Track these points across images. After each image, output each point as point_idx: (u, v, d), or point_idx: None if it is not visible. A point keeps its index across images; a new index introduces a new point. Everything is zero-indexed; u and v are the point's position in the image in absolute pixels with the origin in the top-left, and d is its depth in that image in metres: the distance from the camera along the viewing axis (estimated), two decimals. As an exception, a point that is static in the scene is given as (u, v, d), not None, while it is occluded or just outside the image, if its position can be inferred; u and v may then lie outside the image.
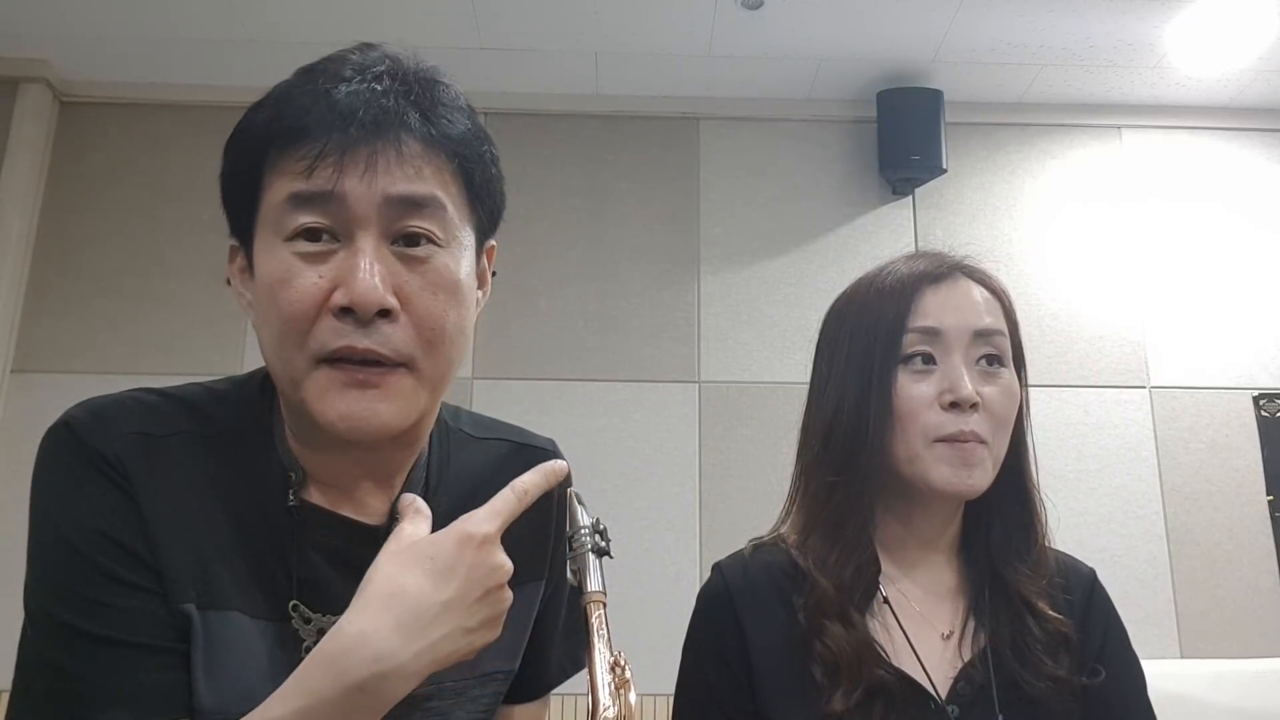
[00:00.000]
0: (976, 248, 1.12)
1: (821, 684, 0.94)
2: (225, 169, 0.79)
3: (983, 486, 0.98)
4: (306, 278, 0.72)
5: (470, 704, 0.86)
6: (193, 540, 0.75)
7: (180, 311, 3.10)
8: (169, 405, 0.80)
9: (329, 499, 0.81)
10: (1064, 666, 0.97)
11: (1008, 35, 3.01)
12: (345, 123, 0.72)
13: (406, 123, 0.74)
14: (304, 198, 0.72)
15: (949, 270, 1.04)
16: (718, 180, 3.35)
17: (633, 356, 3.18)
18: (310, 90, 0.74)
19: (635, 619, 2.93)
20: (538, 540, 0.91)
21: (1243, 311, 3.26)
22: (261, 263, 0.75)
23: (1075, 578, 1.07)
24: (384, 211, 0.73)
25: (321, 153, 0.71)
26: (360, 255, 0.72)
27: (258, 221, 0.75)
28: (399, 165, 0.73)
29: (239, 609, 0.75)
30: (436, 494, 0.85)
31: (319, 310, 0.72)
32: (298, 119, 0.73)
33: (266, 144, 0.74)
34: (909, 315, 1.00)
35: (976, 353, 1.00)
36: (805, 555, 1.01)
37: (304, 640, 0.77)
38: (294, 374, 0.74)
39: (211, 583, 0.74)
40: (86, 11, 2.91)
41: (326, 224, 0.72)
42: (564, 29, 3.00)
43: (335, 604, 0.75)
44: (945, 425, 0.97)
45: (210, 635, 0.73)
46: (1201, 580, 3.04)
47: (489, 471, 0.88)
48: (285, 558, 0.77)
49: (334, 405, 0.73)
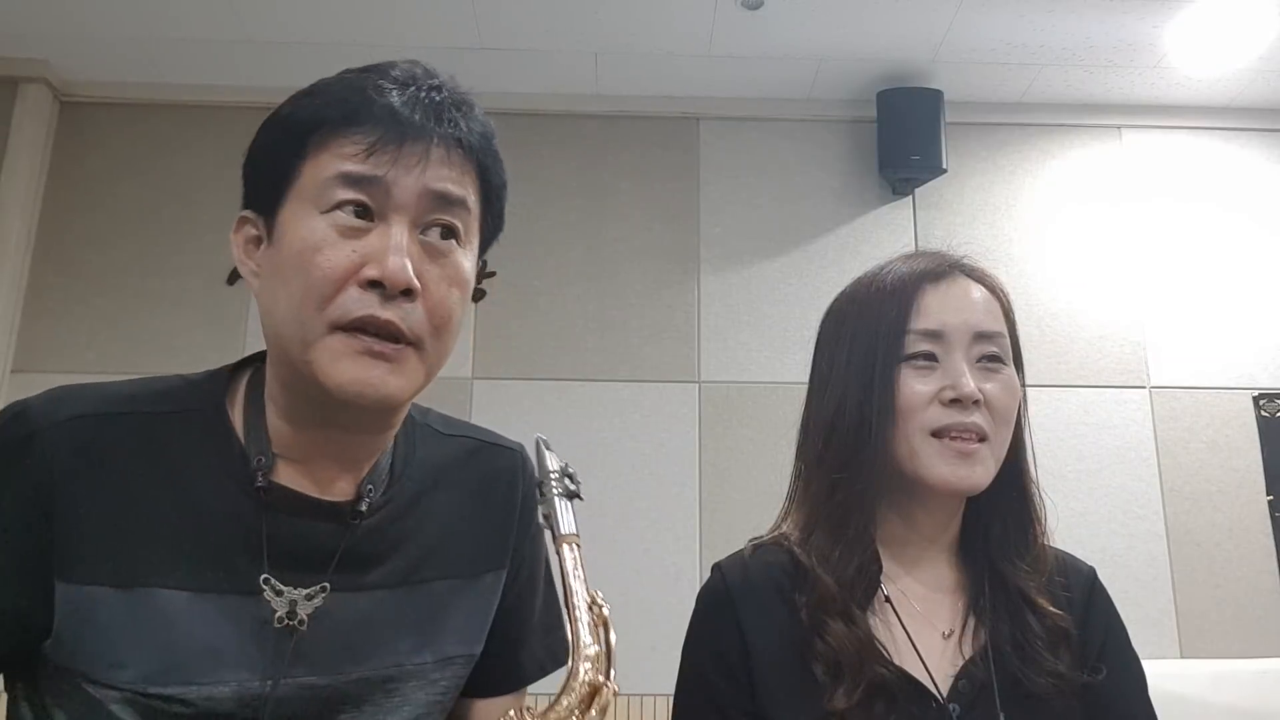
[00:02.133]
0: (976, 248, 1.12)
1: (823, 682, 0.94)
2: (261, 142, 0.84)
3: (984, 482, 0.98)
4: (341, 248, 0.77)
5: (430, 687, 0.88)
6: (128, 522, 0.78)
7: (180, 311, 3.11)
8: (130, 387, 0.85)
9: (295, 479, 0.84)
10: (1064, 662, 0.98)
11: (1008, 35, 3.01)
12: (404, 120, 0.79)
13: (454, 129, 0.81)
14: (355, 178, 0.78)
15: (949, 269, 1.04)
16: (718, 180, 3.35)
17: (633, 356, 3.18)
18: (368, 85, 0.81)
19: (635, 619, 2.94)
20: (498, 531, 0.94)
21: (1243, 311, 3.26)
22: (292, 229, 0.79)
23: (1075, 576, 1.07)
24: (421, 203, 0.79)
25: (379, 142, 0.78)
26: (395, 237, 0.78)
27: (291, 193, 0.80)
28: (444, 165, 0.80)
29: (179, 586, 0.78)
30: (401, 480, 0.89)
31: (347, 280, 0.77)
32: (361, 106, 0.79)
33: (318, 124, 0.79)
34: (910, 315, 1.01)
35: (978, 351, 1.00)
36: (808, 553, 1.01)
37: (275, 612, 0.80)
38: (308, 336, 0.78)
39: (140, 563, 0.78)
40: (86, 11, 2.91)
41: (367, 203, 0.78)
42: (564, 29, 3.00)
43: (304, 579, 0.81)
44: (944, 419, 0.97)
45: (134, 611, 0.77)
46: (1201, 580, 3.04)
47: (454, 465, 0.93)
48: (250, 535, 0.80)
49: (346, 370, 0.77)
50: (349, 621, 0.83)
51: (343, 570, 0.83)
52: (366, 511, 0.85)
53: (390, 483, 0.88)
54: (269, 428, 0.84)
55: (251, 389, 0.86)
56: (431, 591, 0.88)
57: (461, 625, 0.89)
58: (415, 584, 0.87)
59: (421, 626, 0.87)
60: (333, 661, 0.82)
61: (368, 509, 0.85)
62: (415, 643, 0.87)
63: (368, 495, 0.85)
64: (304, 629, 0.80)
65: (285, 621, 0.80)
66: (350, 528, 0.84)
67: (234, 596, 0.79)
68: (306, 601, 0.81)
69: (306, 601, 0.81)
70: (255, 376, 0.87)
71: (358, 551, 0.84)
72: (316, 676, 0.81)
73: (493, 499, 0.90)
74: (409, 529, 0.88)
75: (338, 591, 0.82)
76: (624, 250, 3.27)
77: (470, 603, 0.91)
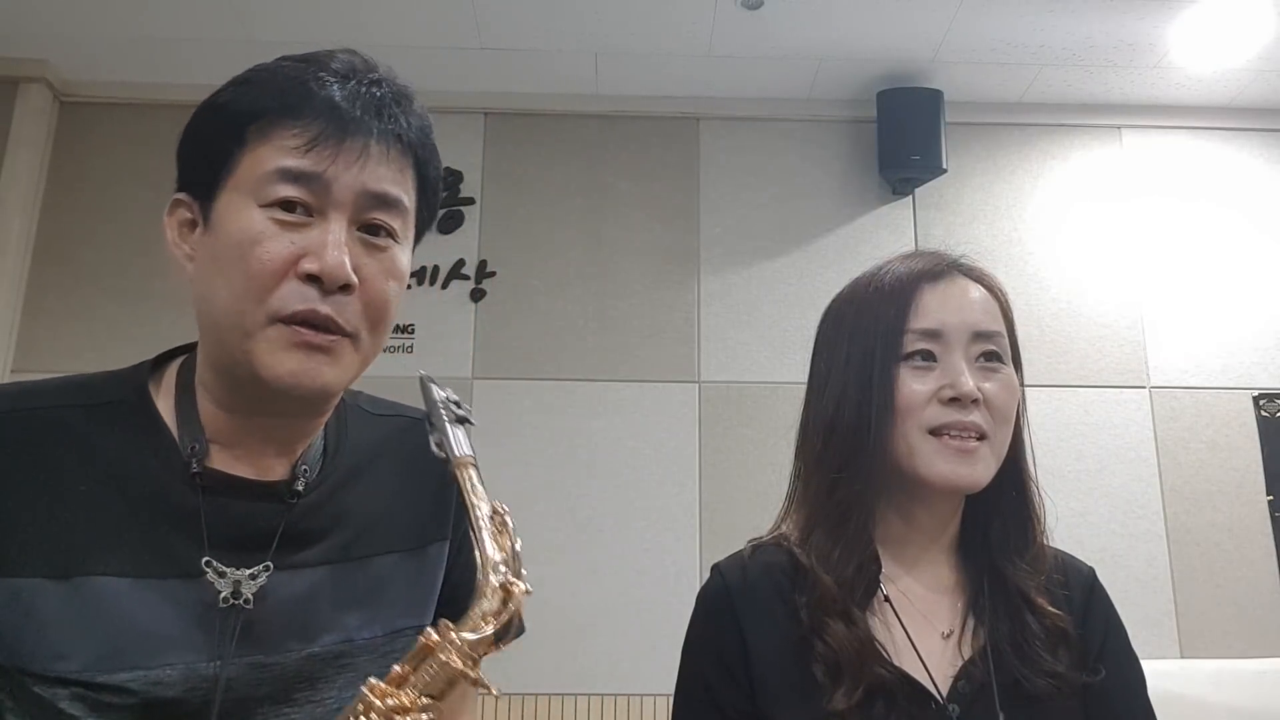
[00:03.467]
0: (976, 248, 1.13)
1: (822, 683, 0.94)
2: (198, 128, 0.84)
3: (984, 480, 0.98)
4: (279, 242, 0.78)
5: (381, 659, 0.88)
6: (60, 513, 0.79)
7: (180, 311, 3.09)
8: (50, 383, 0.86)
9: (230, 464, 0.85)
10: (1063, 662, 0.98)
11: (1008, 35, 3.01)
12: (344, 115, 0.80)
13: (394, 124, 0.83)
14: (294, 173, 0.79)
15: (947, 269, 1.04)
16: (718, 180, 3.35)
17: (633, 356, 3.18)
18: (309, 76, 0.81)
19: (635, 619, 2.95)
20: (437, 503, 0.96)
21: (1243, 312, 3.27)
22: (229, 220, 0.80)
23: (1074, 576, 1.07)
24: (359, 200, 0.81)
25: (319, 136, 0.79)
26: (333, 233, 0.79)
27: (228, 182, 0.81)
28: (383, 164, 0.82)
29: (119, 573, 0.79)
30: (335, 459, 0.91)
31: (286, 272, 0.79)
32: (300, 100, 0.80)
33: (256, 115, 0.80)
34: (909, 315, 1.01)
35: (976, 350, 1.00)
36: (808, 553, 1.01)
37: (220, 593, 0.81)
38: (247, 326, 0.79)
39: (76, 551, 0.78)
40: (86, 11, 2.92)
41: (306, 200, 0.79)
42: (564, 29, 3.00)
43: (246, 560, 0.82)
44: (943, 417, 0.97)
45: (73, 600, 0.77)
46: (1201, 580, 3.04)
47: (387, 442, 0.95)
48: (187, 519, 0.81)
49: (284, 362, 0.79)
50: (293, 599, 0.84)
51: (283, 550, 0.84)
52: (303, 490, 0.86)
53: (324, 463, 0.89)
54: (201, 414, 0.85)
55: (181, 377, 0.87)
56: (374, 566, 0.89)
57: (407, 597, 0.91)
58: (357, 559, 0.88)
59: (367, 601, 0.88)
60: (280, 640, 0.82)
61: (304, 488, 0.86)
62: (363, 617, 0.87)
63: (303, 475, 0.87)
64: (250, 608, 0.81)
65: (230, 601, 0.81)
66: (288, 506, 0.85)
67: (175, 580, 0.80)
68: (250, 581, 0.82)
69: (250, 581, 0.82)
70: (184, 366, 0.88)
71: (297, 530, 0.85)
72: (264, 655, 0.81)
73: (429, 472, 0.89)
74: (347, 505, 0.89)
75: (280, 571, 0.83)
76: (624, 250, 3.27)
77: (414, 575, 0.92)
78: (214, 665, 0.79)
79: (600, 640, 2.93)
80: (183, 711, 0.77)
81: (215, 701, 0.78)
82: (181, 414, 0.85)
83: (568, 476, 3.07)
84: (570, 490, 3.06)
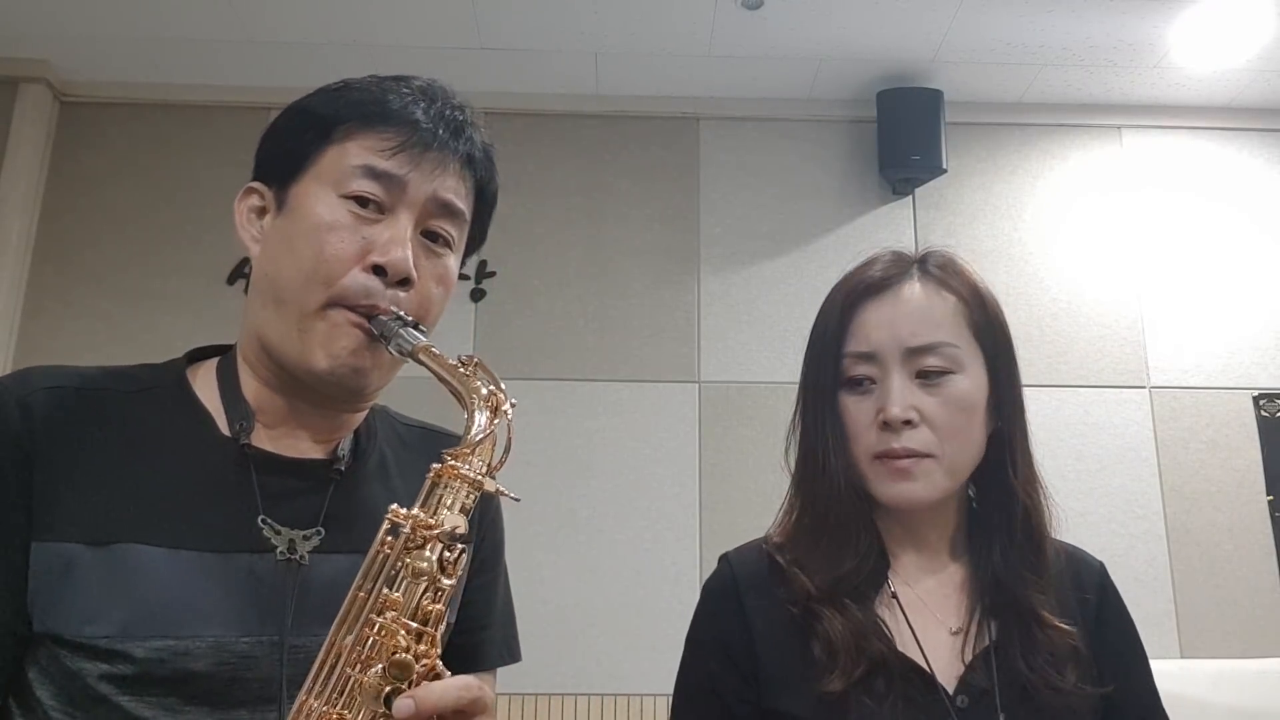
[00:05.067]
0: (976, 248, 1.13)
1: (820, 659, 0.94)
2: (284, 123, 0.91)
3: (928, 497, 0.99)
4: (354, 234, 0.86)
5: None
6: (102, 485, 0.82)
7: (180, 311, 3.10)
8: (98, 370, 0.91)
9: (270, 442, 0.89)
10: (1070, 681, 0.97)
11: (1008, 35, 3.01)
12: (427, 129, 0.88)
13: (469, 146, 0.91)
14: (378, 172, 0.86)
15: (896, 276, 1.03)
16: (718, 180, 3.35)
17: (633, 356, 3.18)
18: (399, 91, 0.90)
19: (635, 619, 2.94)
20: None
21: (1243, 312, 3.26)
22: (308, 205, 0.87)
23: (1086, 573, 1.08)
24: (428, 205, 0.88)
25: (405, 144, 0.87)
26: (402, 230, 0.86)
27: (310, 172, 0.88)
28: (455, 177, 0.90)
29: (155, 543, 0.81)
30: (367, 452, 0.95)
31: (353, 264, 0.85)
32: (392, 109, 0.88)
33: (348, 116, 0.88)
34: (845, 338, 1.02)
35: (913, 367, 0.99)
36: (813, 548, 1.01)
37: (276, 547, 0.84)
38: (309, 305, 0.85)
39: (115, 521, 0.81)
40: (86, 11, 2.91)
41: (381, 198, 0.86)
42: (564, 29, 3.00)
43: (296, 521, 0.86)
44: (880, 443, 0.98)
45: (109, 566, 0.79)
46: (1201, 580, 3.04)
47: (413, 445, 1.01)
48: (230, 492, 0.85)
49: (338, 340, 0.85)
50: (325, 584, 0.85)
51: (329, 524, 0.87)
52: (345, 471, 0.90)
53: (355, 457, 0.93)
54: (246, 396, 0.90)
55: (222, 369, 0.92)
56: None
57: None
58: None
59: None
60: (308, 624, 0.83)
61: (345, 469, 0.90)
62: None
63: (341, 459, 0.91)
64: (306, 565, 0.84)
65: (287, 556, 0.84)
66: (332, 482, 0.89)
67: (210, 554, 0.82)
68: (304, 541, 0.85)
69: (304, 541, 0.85)
70: (224, 360, 0.93)
71: (337, 511, 0.88)
72: (294, 636, 0.82)
73: None
74: (376, 499, 0.90)
75: (318, 553, 0.86)
76: (624, 250, 3.27)
77: None
78: (241, 642, 0.80)
79: (600, 640, 2.93)
80: (209, 688, 0.79)
81: (282, 661, 0.81)
82: (226, 396, 0.90)
83: (567, 476, 3.07)
84: (570, 490, 3.06)
